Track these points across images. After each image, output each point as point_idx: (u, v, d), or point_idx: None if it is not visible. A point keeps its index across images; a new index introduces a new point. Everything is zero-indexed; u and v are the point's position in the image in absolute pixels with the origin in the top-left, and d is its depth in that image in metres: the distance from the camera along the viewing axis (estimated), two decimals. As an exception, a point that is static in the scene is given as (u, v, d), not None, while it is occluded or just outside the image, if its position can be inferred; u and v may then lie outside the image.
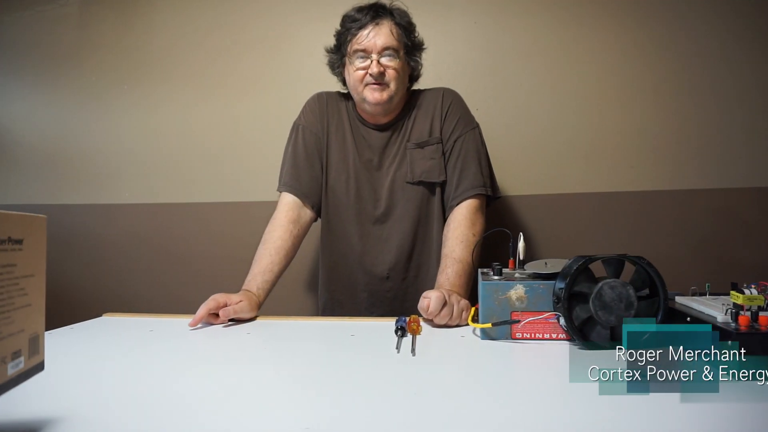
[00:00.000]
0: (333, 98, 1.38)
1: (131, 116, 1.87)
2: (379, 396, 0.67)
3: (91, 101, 1.89)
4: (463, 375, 0.79)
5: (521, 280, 0.95)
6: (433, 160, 1.28)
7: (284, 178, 1.33)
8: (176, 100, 1.86)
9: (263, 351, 0.93)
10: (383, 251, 1.29)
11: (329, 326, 1.09)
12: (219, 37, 1.85)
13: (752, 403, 0.60)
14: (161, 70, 1.86)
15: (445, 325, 1.04)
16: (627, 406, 0.61)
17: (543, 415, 0.61)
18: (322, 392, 0.69)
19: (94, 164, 1.89)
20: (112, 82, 1.87)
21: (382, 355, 0.87)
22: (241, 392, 0.69)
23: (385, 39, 1.24)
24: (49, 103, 1.89)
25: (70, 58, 1.88)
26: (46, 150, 1.91)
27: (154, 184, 1.87)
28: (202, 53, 1.85)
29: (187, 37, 1.85)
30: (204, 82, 1.85)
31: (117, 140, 1.88)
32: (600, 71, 1.67)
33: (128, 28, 1.86)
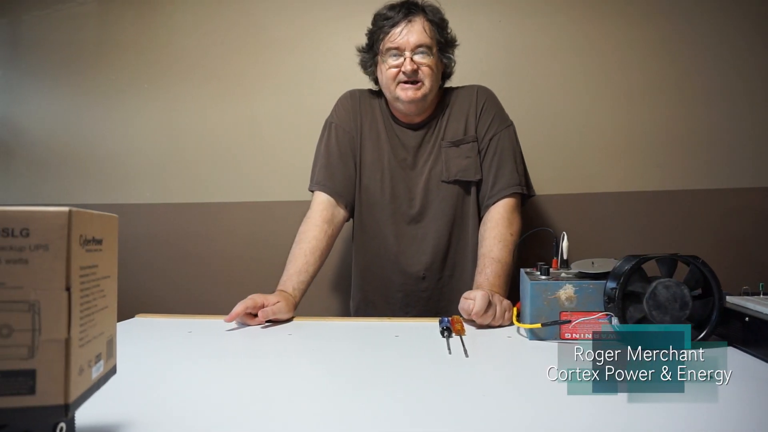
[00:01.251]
0: (365, 96, 1.37)
1: (151, 115, 1.86)
2: (448, 398, 0.67)
3: (110, 100, 1.87)
4: (527, 375, 0.78)
5: (570, 280, 0.94)
6: (469, 159, 1.27)
7: (317, 176, 1.31)
8: (196, 99, 1.85)
9: (312, 352, 0.92)
10: (419, 251, 1.28)
11: (369, 327, 1.08)
12: (238, 36, 1.83)
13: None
14: (181, 69, 1.85)
15: (487, 325, 1.03)
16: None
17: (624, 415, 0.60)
18: (388, 394, 0.68)
19: (113, 163, 1.87)
20: (131, 80, 1.85)
21: (435, 356, 0.86)
22: (303, 395, 0.68)
23: (418, 36, 1.23)
24: (68, 102, 1.88)
25: (89, 56, 1.86)
26: (65, 149, 1.89)
27: (175, 183, 1.86)
28: (222, 52, 1.84)
29: (207, 35, 1.84)
30: (224, 80, 1.84)
31: (137, 139, 1.86)
32: (627, 69, 1.66)
33: (148, 27, 1.85)
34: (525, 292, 0.97)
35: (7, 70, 1.87)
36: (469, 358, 0.84)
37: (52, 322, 0.42)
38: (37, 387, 0.42)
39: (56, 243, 0.43)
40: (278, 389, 0.70)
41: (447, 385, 0.73)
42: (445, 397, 0.67)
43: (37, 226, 0.42)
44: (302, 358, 0.89)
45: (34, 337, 0.42)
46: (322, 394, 0.69)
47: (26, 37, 1.86)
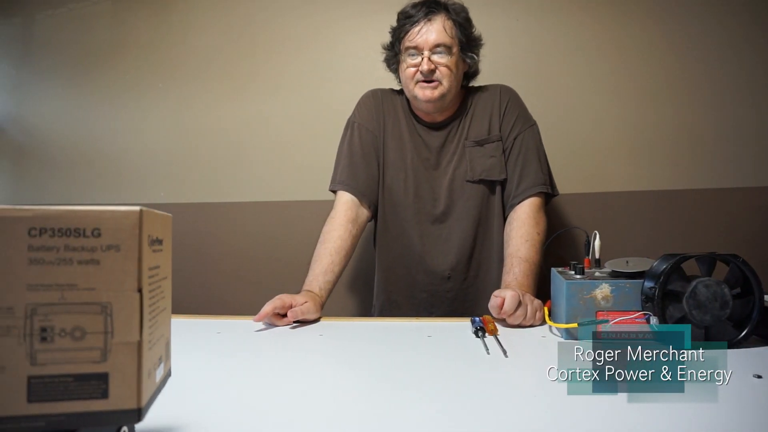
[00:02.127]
0: (388, 95, 1.36)
1: (164, 114, 1.85)
2: (496, 399, 0.66)
3: (123, 99, 1.86)
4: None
5: (606, 279, 0.94)
6: (494, 158, 1.26)
7: (340, 176, 1.31)
8: (210, 98, 1.83)
9: (347, 353, 0.91)
10: (444, 251, 1.27)
11: (398, 327, 1.07)
12: (252, 34, 1.82)
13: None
14: (194, 68, 1.83)
15: (518, 325, 1.02)
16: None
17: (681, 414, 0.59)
18: (433, 396, 0.67)
19: (126, 163, 1.86)
20: (144, 79, 1.84)
21: (473, 356, 0.85)
22: (347, 397, 0.68)
23: (437, 35, 1.22)
24: (81, 101, 1.86)
25: (102, 55, 1.85)
26: (77, 148, 1.87)
27: (189, 183, 1.85)
28: (236, 50, 1.83)
29: (221, 34, 1.83)
30: (237, 79, 1.83)
31: (150, 139, 1.85)
32: (648, 67, 1.66)
33: (161, 25, 1.83)
34: (559, 292, 0.96)
35: (19, 69, 1.85)
36: (509, 358, 0.84)
37: (124, 325, 0.41)
38: (109, 391, 0.41)
39: (127, 243, 0.42)
40: (321, 391, 0.70)
41: (492, 386, 0.72)
42: (493, 398, 0.67)
43: (108, 226, 0.41)
44: (339, 359, 0.88)
45: (107, 339, 0.41)
46: (366, 396, 0.68)
47: (38, 36, 1.84)
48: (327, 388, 0.71)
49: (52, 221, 0.40)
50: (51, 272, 0.40)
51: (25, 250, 0.40)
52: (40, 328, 0.40)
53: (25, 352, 0.40)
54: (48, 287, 0.40)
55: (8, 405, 0.39)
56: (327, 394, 0.69)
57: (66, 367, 0.40)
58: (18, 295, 0.40)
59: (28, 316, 0.40)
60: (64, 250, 0.41)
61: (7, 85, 1.84)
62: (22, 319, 0.40)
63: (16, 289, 0.40)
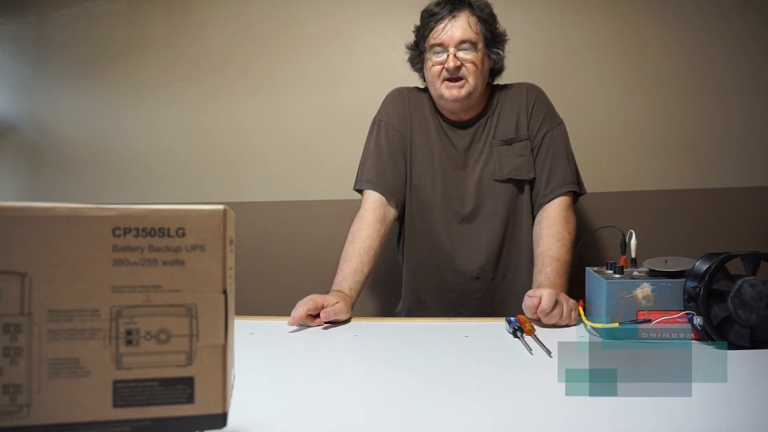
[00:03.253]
0: (414, 94, 1.35)
1: (182, 114, 1.83)
2: (556, 400, 0.65)
3: (140, 99, 1.84)
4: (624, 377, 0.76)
5: (646, 279, 0.93)
6: (522, 157, 1.25)
7: (366, 175, 1.29)
8: (228, 97, 1.82)
9: (388, 354, 0.89)
10: (473, 250, 1.26)
11: (432, 327, 1.05)
12: (271, 33, 1.81)
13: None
14: (212, 67, 1.82)
15: (553, 324, 1.01)
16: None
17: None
18: (487, 397, 0.67)
19: (143, 162, 1.84)
20: (161, 79, 1.82)
21: (516, 357, 0.85)
22: (395, 398, 0.67)
23: (462, 32, 1.21)
24: (97, 100, 1.84)
25: (118, 55, 1.83)
26: (93, 148, 1.86)
27: (206, 182, 1.83)
28: (254, 49, 1.81)
29: (239, 32, 1.81)
30: (255, 78, 1.81)
31: (167, 138, 1.83)
32: (673, 64, 1.65)
33: (178, 24, 1.82)
34: (598, 291, 0.96)
35: (35, 68, 1.83)
36: (553, 358, 0.83)
37: (210, 327, 0.40)
38: (195, 395, 0.40)
39: (212, 243, 0.41)
40: (370, 392, 0.69)
41: (546, 387, 0.71)
42: (552, 399, 0.66)
43: (192, 226, 0.40)
44: (380, 360, 0.86)
45: (192, 342, 0.40)
46: (417, 398, 0.67)
47: (54, 35, 1.82)
48: (375, 390, 0.70)
49: (136, 221, 0.39)
50: (136, 273, 0.39)
51: (110, 250, 0.39)
52: (125, 331, 0.39)
53: (111, 355, 0.39)
54: (133, 289, 0.39)
55: (94, 410, 0.38)
56: (376, 395, 0.68)
57: (151, 371, 0.39)
58: (103, 297, 0.39)
59: (113, 318, 0.39)
60: (149, 251, 0.39)
61: (22, 84, 1.83)
62: (108, 322, 0.39)
63: (102, 291, 0.39)
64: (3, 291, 0.37)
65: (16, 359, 0.37)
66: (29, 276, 0.38)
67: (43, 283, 0.38)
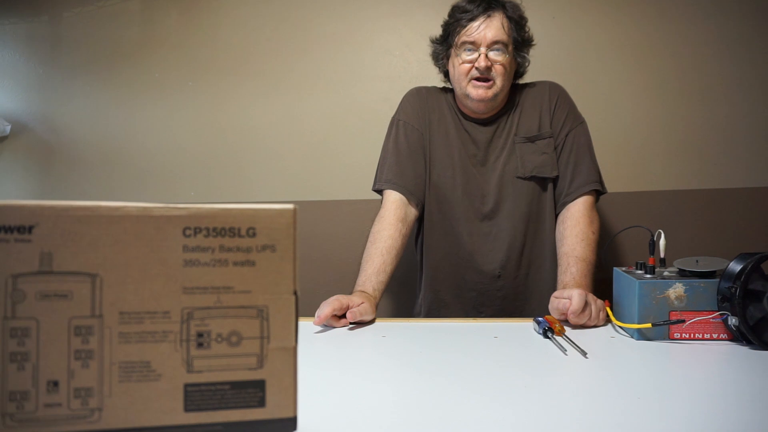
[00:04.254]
0: (432, 92, 1.34)
1: (196, 113, 1.82)
2: (598, 401, 0.65)
3: (154, 98, 1.83)
4: (668, 377, 0.76)
5: (679, 279, 0.92)
6: (546, 155, 1.25)
7: (386, 175, 1.28)
8: (242, 97, 1.81)
9: (420, 355, 0.88)
10: (494, 249, 1.26)
11: (460, 328, 1.05)
12: (286, 32, 1.80)
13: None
14: (226, 66, 1.81)
15: (581, 325, 1.00)
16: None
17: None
18: (528, 399, 0.66)
19: (157, 162, 1.83)
20: (175, 78, 1.81)
21: (551, 358, 0.84)
22: (434, 399, 0.66)
23: (496, 32, 1.20)
24: (110, 100, 1.83)
25: (132, 54, 1.82)
26: (107, 148, 1.84)
27: (220, 182, 1.82)
28: (269, 48, 1.80)
29: (253, 32, 1.80)
30: (270, 77, 1.80)
31: (181, 138, 1.82)
32: (698, 64, 1.64)
33: (192, 23, 1.80)
34: (629, 292, 0.95)
35: (48, 68, 1.82)
36: (589, 359, 0.82)
37: (281, 329, 0.40)
38: (266, 399, 0.39)
39: (283, 243, 0.40)
40: (410, 394, 0.68)
41: (587, 388, 0.71)
42: (594, 400, 0.65)
43: (263, 226, 0.40)
44: (415, 362, 0.86)
45: (263, 345, 0.39)
46: (457, 401, 0.66)
47: (67, 34, 1.81)
48: (415, 392, 0.69)
49: (206, 220, 0.38)
50: (207, 274, 0.38)
51: (180, 250, 0.38)
52: (196, 333, 0.38)
53: (182, 358, 0.38)
54: (204, 290, 0.38)
55: (165, 414, 0.37)
56: (416, 398, 0.67)
57: (222, 375, 0.38)
58: (174, 299, 0.38)
59: (184, 320, 0.38)
60: (219, 251, 0.39)
61: (35, 83, 1.81)
62: (179, 324, 0.38)
63: (172, 293, 0.38)
64: (74, 292, 0.37)
65: (87, 362, 0.36)
66: (100, 277, 0.37)
67: (113, 284, 0.37)
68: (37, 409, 0.36)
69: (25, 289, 0.36)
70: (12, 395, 0.36)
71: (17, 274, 0.36)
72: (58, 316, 0.36)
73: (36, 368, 0.36)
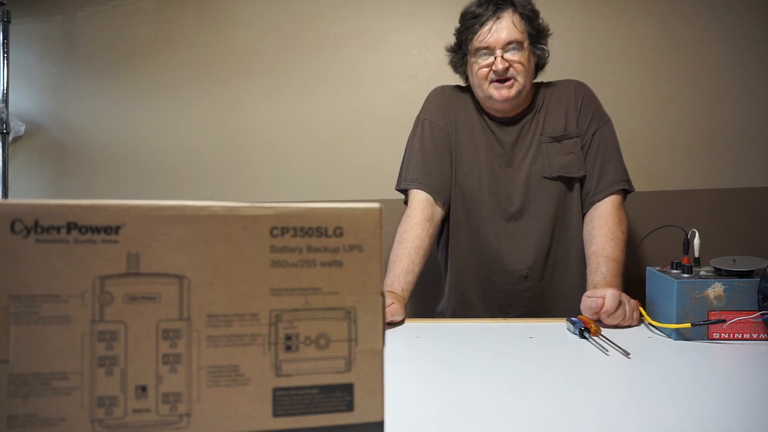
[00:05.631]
0: (457, 92, 1.33)
1: (210, 113, 1.80)
2: (653, 402, 0.64)
3: (168, 98, 1.81)
4: (714, 378, 0.75)
5: (718, 278, 0.92)
6: (573, 155, 1.24)
7: (412, 174, 1.27)
8: (257, 96, 1.80)
9: (458, 356, 0.87)
10: (521, 249, 1.25)
11: (492, 328, 1.04)
12: (302, 31, 1.79)
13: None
14: (241, 66, 1.79)
15: (615, 325, 1.00)
16: None
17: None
18: (577, 400, 0.65)
19: (172, 162, 1.81)
20: (190, 78, 1.80)
21: (593, 358, 0.84)
22: (483, 402, 0.66)
23: (508, 33, 1.19)
24: (125, 99, 1.81)
25: (146, 53, 1.80)
26: (122, 147, 1.83)
27: (235, 182, 1.81)
28: (284, 48, 1.79)
29: (269, 31, 1.79)
30: (285, 77, 1.79)
31: (195, 137, 1.81)
32: (719, 61, 1.64)
33: (208, 23, 1.79)
34: (666, 291, 0.94)
35: (62, 67, 1.80)
36: (632, 359, 0.81)
37: (368, 331, 0.39)
38: (355, 402, 0.38)
39: (370, 243, 0.39)
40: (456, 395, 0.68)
41: (637, 389, 0.70)
42: (649, 401, 0.65)
43: (349, 225, 0.39)
44: (455, 363, 0.85)
45: (350, 347, 0.38)
46: (506, 402, 0.66)
47: (81, 33, 1.79)
48: (459, 393, 0.69)
49: (293, 220, 0.37)
50: (294, 275, 0.37)
51: (268, 251, 0.37)
52: (284, 336, 0.37)
53: (270, 362, 0.37)
54: (292, 291, 0.37)
55: (254, 419, 0.36)
56: (462, 398, 0.67)
57: (311, 378, 0.37)
58: (262, 301, 0.37)
59: (272, 323, 0.37)
60: (307, 251, 0.38)
61: (49, 82, 1.79)
62: (267, 327, 0.37)
63: (261, 294, 0.37)
64: (162, 295, 0.35)
65: (175, 367, 0.35)
66: (187, 279, 0.36)
67: (201, 286, 0.36)
68: (126, 415, 0.35)
69: (112, 291, 0.35)
70: (101, 401, 0.34)
71: (105, 276, 0.35)
72: (146, 319, 0.35)
73: (124, 373, 0.35)
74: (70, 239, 0.35)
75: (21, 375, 0.33)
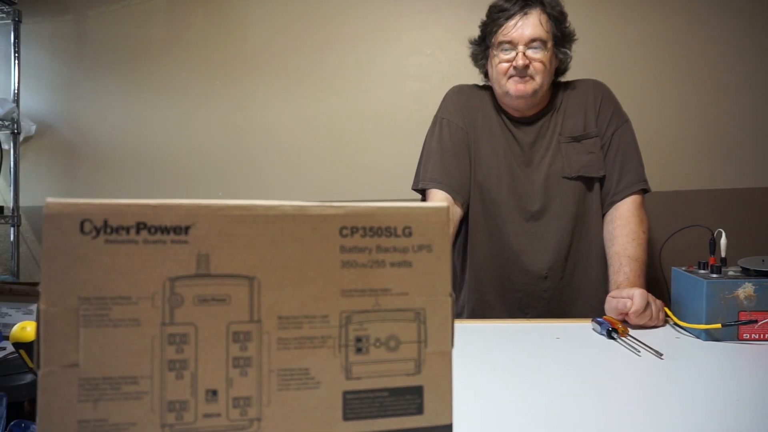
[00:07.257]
0: (475, 91, 1.33)
1: (222, 113, 1.80)
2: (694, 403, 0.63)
3: (179, 98, 1.81)
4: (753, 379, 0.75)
5: (747, 278, 0.91)
6: (592, 154, 1.23)
7: (431, 173, 1.27)
8: (269, 97, 1.79)
9: (488, 356, 0.87)
10: (541, 249, 1.24)
11: (513, 329, 1.03)
12: (315, 31, 1.78)
13: None
14: (253, 66, 1.79)
15: (641, 325, 0.99)
16: None
17: None
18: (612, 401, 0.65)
19: (184, 162, 1.81)
20: (202, 78, 1.79)
21: (624, 359, 0.83)
22: (527, 402, 0.64)
23: (533, 30, 1.19)
24: (135, 99, 1.80)
25: (158, 53, 1.79)
26: (131, 148, 1.82)
27: (247, 182, 1.80)
28: (297, 48, 1.78)
29: (281, 31, 1.78)
30: (298, 77, 1.79)
31: (207, 138, 1.80)
32: (742, 59, 1.64)
33: (220, 23, 1.78)
34: (695, 292, 0.94)
35: (72, 67, 1.79)
36: (665, 360, 0.81)
37: (438, 333, 0.38)
38: (424, 405, 0.37)
39: (439, 243, 0.38)
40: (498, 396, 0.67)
41: (675, 390, 0.70)
42: (693, 402, 0.64)
43: (418, 225, 0.38)
44: (486, 363, 0.84)
45: (420, 349, 0.37)
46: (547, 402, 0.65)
47: (92, 34, 1.78)
48: (500, 393, 0.68)
49: (363, 219, 0.37)
50: (364, 276, 0.36)
51: (337, 251, 0.36)
52: (355, 338, 0.36)
53: (340, 364, 0.36)
54: (362, 292, 0.36)
55: (325, 423, 0.35)
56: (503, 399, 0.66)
57: (381, 381, 0.36)
58: (332, 302, 0.36)
59: (342, 324, 0.36)
60: (376, 252, 0.37)
61: (59, 82, 1.78)
62: (337, 329, 0.36)
63: (331, 296, 0.36)
64: (232, 296, 0.35)
65: (246, 370, 0.35)
66: (257, 279, 0.35)
67: (271, 287, 0.35)
68: (197, 420, 0.34)
69: (182, 293, 0.34)
70: (171, 405, 0.34)
71: (174, 277, 0.34)
72: (216, 321, 0.34)
73: (195, 377, 0.34)
74: (140, 240, 0.34)
75: (91, 379, 0.33)
